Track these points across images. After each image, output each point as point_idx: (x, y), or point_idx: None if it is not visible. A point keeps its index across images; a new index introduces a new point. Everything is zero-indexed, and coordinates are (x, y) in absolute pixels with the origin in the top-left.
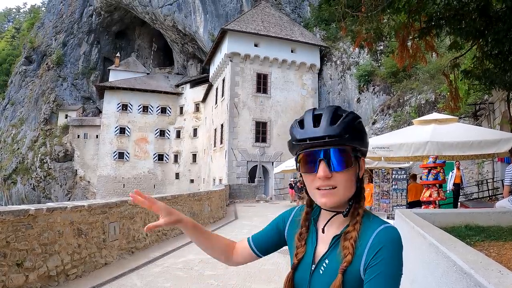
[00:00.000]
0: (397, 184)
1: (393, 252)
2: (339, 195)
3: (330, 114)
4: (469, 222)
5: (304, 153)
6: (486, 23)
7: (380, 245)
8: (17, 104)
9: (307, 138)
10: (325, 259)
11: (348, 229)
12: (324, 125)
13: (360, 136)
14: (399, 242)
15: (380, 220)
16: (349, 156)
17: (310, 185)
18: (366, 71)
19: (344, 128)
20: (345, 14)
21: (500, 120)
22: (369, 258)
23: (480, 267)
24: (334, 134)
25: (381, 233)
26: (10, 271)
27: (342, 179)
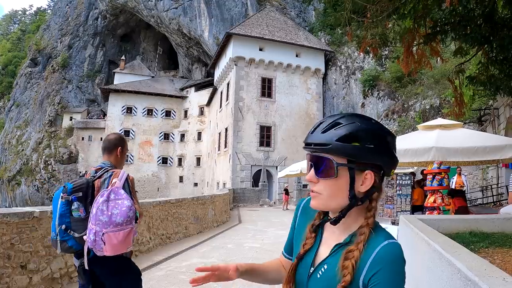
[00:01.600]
0: (401, 189)
1: (394, 270)
2: (322, 200)
3: (329, 122)
4: (473, 228)
5: (306, 155)
6: (491, 29)
7: (382, 263)
8: (22, 105)
9: (305, 143)
10: (324, 263)
11: (352, 247)
12: (316, 132)
13: (347, 148)
14: (400, 261)
15: (385, 235)
16: (331, 166)
17: None
18: (370, 76)
19: (331, 138)
20: (351, 19)
21: (505, 125)
22: (369, 275)
23: (484, 275)
24: (318, 142)
25: (383, 249)
26: (14, 273)
27: (324, 187)
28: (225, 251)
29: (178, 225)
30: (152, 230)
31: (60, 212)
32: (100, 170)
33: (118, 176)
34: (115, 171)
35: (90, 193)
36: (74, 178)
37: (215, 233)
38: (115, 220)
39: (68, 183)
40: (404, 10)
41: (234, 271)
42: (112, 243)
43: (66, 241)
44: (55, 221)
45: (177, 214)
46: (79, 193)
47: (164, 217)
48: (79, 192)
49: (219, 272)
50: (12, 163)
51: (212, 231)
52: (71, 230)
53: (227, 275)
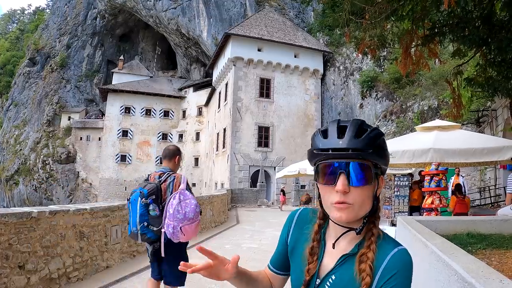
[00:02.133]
0: (399, 190)
1: (406, 277)
2: (354, 210)
3: (356, 127)
4: (470, 230)
5: (324, 163)
6: (489, 31)
7: (395, 270)
8: (20, 105)
9: (330, 149)
10: (331, 275)
11: (363, 250)
12: (348, 137)
13: (383, 153)
14: (411, 267)
15: (394, 241)
16: (370, 172)
17: (327, 197)
18: (369, 76)
19: (368, 142)
20: (349, 20)
21: (502, 127)
22: (382, 281)
23: (481, 276)
24: (358, 147)
25: (395, 257)
26: (12, 273)
27: (359, 195)
28: (223, 251)
29: None
30: None
31: (140, 213)
32: (163, 175)
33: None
34: (176, 176)
35: (160, 195)
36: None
37: (213, 233)
38: (188, 216)
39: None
40: (403, 12)
41: (233, 265)
42: (187, 232)
43: (145, 233)
44: (135, 218)
45: None
46: (153, 196)
47: None
48: (153, 195)
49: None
50: (10, 163)
51: (210, 232)
52: (150, 225)
53: (222, 269)
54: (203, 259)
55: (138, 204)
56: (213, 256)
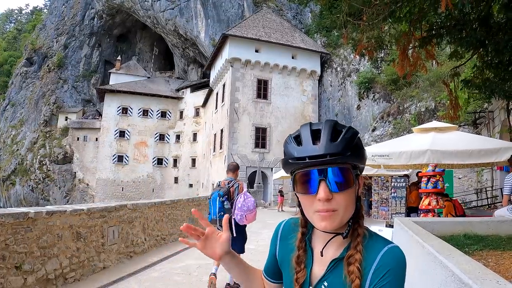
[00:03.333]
0: (396, 192)
1: (399, 274)
2: (339, 217)
3: (330, 129)
4: (467, 231)
5: (302, 172)
6: (486, 33)
7: (387, 268)
8: (17, 105)
9: (306, 157)
10: (323, 281)
11: (351, 252)
12: (324, 141)
13: (361, 153)
14: (404, 264)
15: (382, 239)
16: (350, 175)
17: (308, 207)
18: (366, 78)
19: (345, 145)
20: (347, 22)
21: (499, 128)
22: (375, 280)
23: (478, 277)
24: (336, 152)
25: (387, 254)
26: (9, 274)
27: (343, 200)
28: None
29: (173, 226)
30: (147, 231)
31: (218, 206)
32: (230, 182)
33: (242, 186)
34: (240, 183)
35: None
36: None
37: None
38: (249, 208)
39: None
40: (400, 14)
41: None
42: (249, 218)
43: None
44: (215, 209)
45: (172, 216)
46: (226, 196)
47: (159, 218)
48: (226, 195)
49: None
50: (6, 163)
51: None
52: (226, 211)
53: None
54: (198, 259)
55: (217, 201)
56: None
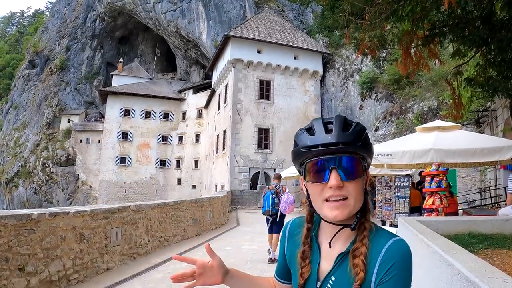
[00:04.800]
0: (399, 191)
1: (404, 267)
2: (350, 206)
3: (341, 121)
4: (472, 230)
5: (313, 161)
6: (489, 31)
7: (392, 261)
8: (20, 108)
9: (319, 144)
10: (330, 276)
11: (356, 245)
12: (336, 132)
13: (369, 147)
14: (410, 256)
15: (388, 233)
16: (360, 166)
17: (317, 196)
18: (368, 78)
19: (356, 136)
20: (349, 21)
21: (502, 127)
22: (381, 274)
23: (485, 276)
24: (347, 141)
25: (392, 247)
26: (12, 275)
27: (353, 189)
28: (224, 253)
29: (177, 228)
30: (151, 233)
31: (271, 201)
32: (276, 186)
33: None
34: (282, 186)
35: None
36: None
37: (214, 235)
38: (290, 201)
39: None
40: (402, 13)
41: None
42: (290, 208)
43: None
44: (268, 203)
45: (175, 217)
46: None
47: (162, 220)
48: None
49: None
50: (9, 165)
51: (210, 234)
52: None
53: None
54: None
55: (270, 197)
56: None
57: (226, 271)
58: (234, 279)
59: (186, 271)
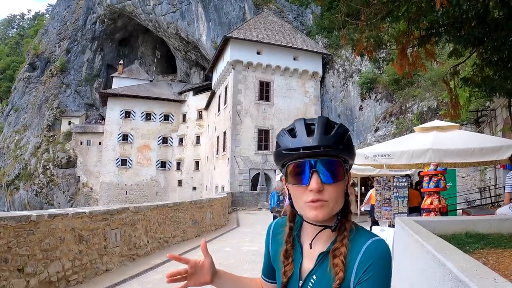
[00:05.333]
0: (398, 191)
1: (382, 267)
2: (330, 207)
3: (323, 124)
4: (469, 230)
5: (294, 163)
6: (484, 31)
7: (371, 261)
8: (21, 110)
9: (301, 147)
10: (312, 275)
11: (336, 245)
12: (318, 134)
13: (351, 149)
14: (388, 256)
15: (368, 233)
16: (341, 168)
17: (299, 198)
18: (368, 78)
19: (338, 139)
20: (345, 22)
21: (502, 126)
22: (360, 273)
23: (475, 275)
24: (329, 144)
25: (370, 247)
26: (11, 276)
27: (334, 192)
28: (223, 254)
29: (176, 229)
30: (150, 234)
31: (276, 199)
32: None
33: None
34: None
35: (281, 194)
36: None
37: (213, 236)
38: None
39: (276, 191)
40: (398, 13)
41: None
42: None
43: (278, 207)
44: (275, 201)
45: (175, 218)
46: (281, 194)
47: (162, 221)
48: (281, 194)
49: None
50: (10, 168)
51: (210, 235)
52: (280, 203)
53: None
54: None
55: (275, 196)
56: (184, 260)
57: (215, 271)
58: (222, 280)
59: (181, 270)
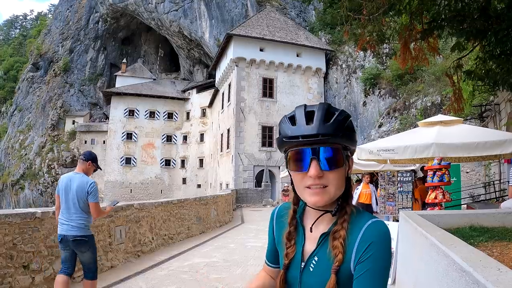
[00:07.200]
0: (402, 186)
1: (381, 247)
2: (329, 193)
3: (323, 111)
4: (473, 223)
5: (294, 150)
6: (487, 23)
7: (370, 241)
8: (25, 110)
9: (300, 136)
10: (314, 256)
11: (336, 227)
12: (317, 122)
13: (352, 135)
14: (387, 236)
15: (367, 215)
16: (341, 155)
17: (299, 183)
18: (371, 74)
19: (337, 126)
20: (347, 17)
21: (506, 121)
22: (359, 254)
23: (479, 265)
24: (327, 132)
25: (369, 228)
26: (17, 273)
27: (333, 178)
28: (227, 250)
29: (181, 226)
30: (155, 231)
31: None
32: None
33: None
34: None
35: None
36: None
37: (218, 233)
38: None
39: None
40: (400, 6)
41: None
42: None
43: None
44: None
45: (179, 215)
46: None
47: (166, 218)
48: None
49: None
50: (15, 168)
51: (214, 231)
52: None
53: None
54: (206, 257)
55: None
56: None
57: None
58: None
59: None
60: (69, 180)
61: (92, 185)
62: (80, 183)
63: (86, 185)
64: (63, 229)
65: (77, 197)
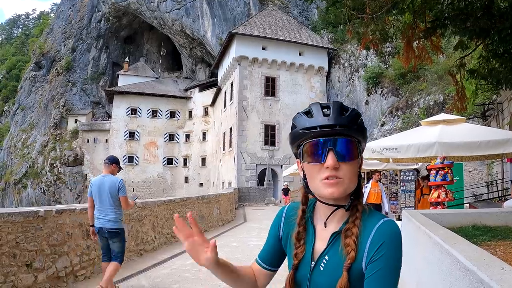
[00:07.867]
0: (405, 185)
1: (393, 247)
2: (345, 185)
3: (338, 106)
4: (476, 222)
5: (311, 142)
6: (490, 22)
7: (381, 240)
8: (27, 109)
9: (318, 126)
10: (324, 255)
11: (348, 225)
12: (334, 115)
13: (364, 131)
14: (399, 236)
15: (379, 214)
16: (356, 148)
17: (315, 176)
18: (374, 73)
19: (353, 120)
20: (351, 16)
21: (508, 120)
22: (371, 253)
23: (483, 264)
24: (344, 124)
25: (381, 227)
26: (20, 271)
27: (348, 170)
28: (230, 249)
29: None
30: (157, 229)
31: None
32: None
33: None
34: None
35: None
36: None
37: (220, 231)
38: None
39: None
40: (403, 5)
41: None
42: None
43: None
44: None
45: (182, 213)
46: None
47: (169, 216)
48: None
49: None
50: (18, 166)
51: (217, 230)
52: None
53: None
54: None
55: None
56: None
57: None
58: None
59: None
60: (101, 182)
61: (121, 182)
62: (111, 182)
63: (116, 183)
64: (100, 222)
65: (111, 194)
